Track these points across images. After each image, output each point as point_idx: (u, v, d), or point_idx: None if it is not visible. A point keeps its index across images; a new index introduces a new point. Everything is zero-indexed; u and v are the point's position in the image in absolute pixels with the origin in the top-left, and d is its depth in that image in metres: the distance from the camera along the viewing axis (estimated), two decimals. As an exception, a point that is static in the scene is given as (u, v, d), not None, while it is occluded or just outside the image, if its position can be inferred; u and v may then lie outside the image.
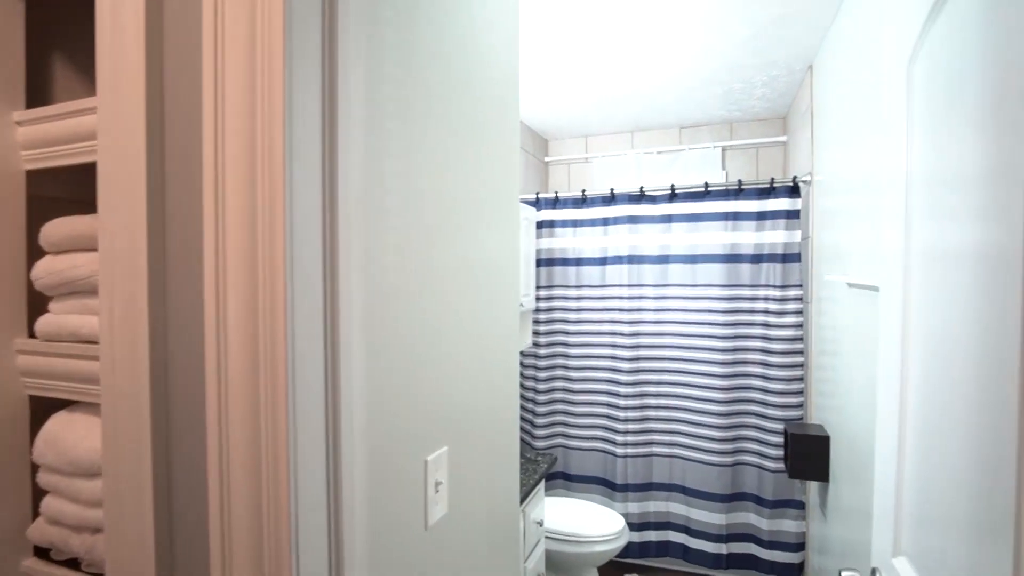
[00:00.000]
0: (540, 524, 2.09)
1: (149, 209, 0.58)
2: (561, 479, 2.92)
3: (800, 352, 2.44)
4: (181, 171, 0.59)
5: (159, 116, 0.59)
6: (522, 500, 1.91)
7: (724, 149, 3.24)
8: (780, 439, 2.44)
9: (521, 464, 2.20)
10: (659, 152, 3.34)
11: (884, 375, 0.96)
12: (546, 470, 2.15)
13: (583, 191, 2.81)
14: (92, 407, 0.85)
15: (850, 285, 1.70)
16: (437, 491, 0.92)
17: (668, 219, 2.67)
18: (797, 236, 2.45)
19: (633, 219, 2.71)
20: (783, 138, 3.10)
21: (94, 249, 0.79)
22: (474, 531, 1.07)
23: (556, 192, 2.88)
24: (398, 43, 0.79)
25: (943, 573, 0.72)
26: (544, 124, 3.28)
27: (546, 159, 3.62)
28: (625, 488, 2.72)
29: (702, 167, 3.21)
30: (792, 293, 2.45)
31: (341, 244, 0.56)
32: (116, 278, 0.61)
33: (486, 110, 1.09)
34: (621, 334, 2.73)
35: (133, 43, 0.58)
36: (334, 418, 0.57)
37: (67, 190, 0.94)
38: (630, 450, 2.71)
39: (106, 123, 0.61)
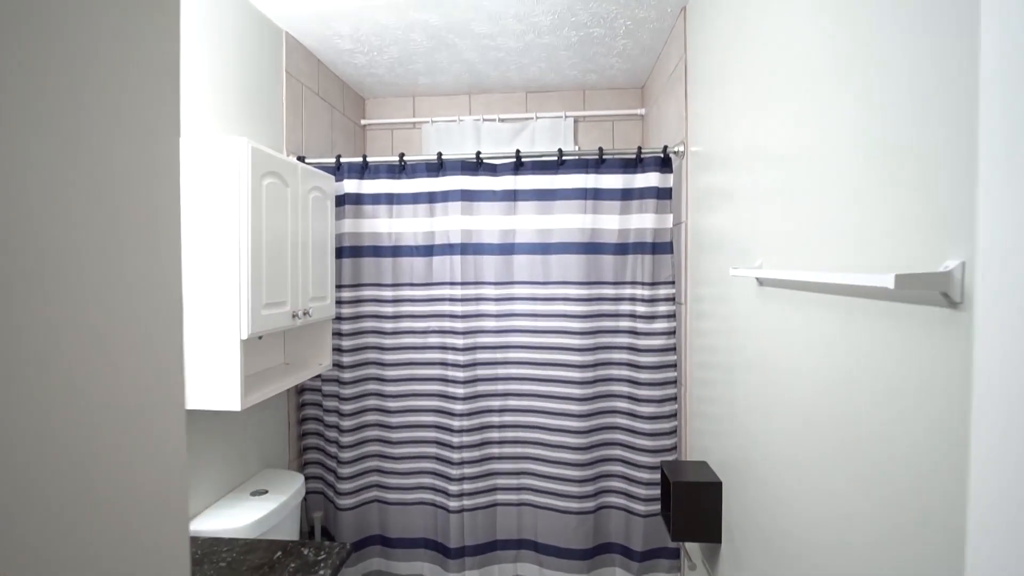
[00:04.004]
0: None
1: None
2: (378, 545, 2.16)
3: (673, 366, 1.96)
4: None
5: None
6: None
7: (577, 120, 2.73)
8: (650, 476, 1.95)
9: (290, 569, 1.39)
10: (502, 119, 2.72)
11: (988, 407, 0.39)
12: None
13: (401, 155, 2.07)
14: None
15: (760, 282, 1.19)
16: None
17: (513, 196, 2.04)
18: (669, 221, 1.97)
19: (468, 195, 2.04)
20: (641, 111, 2.67)
21: None
22: None
23: (365, 156, 2.10)
24: None
25: None
26: (359, 75, 2.48)
27: (363, 122, 2.82)
28: (462, 552, 2.05)
29: (552, 139, 2.66)
30: (663, 292, 1.96)
31: None
32: None
33: None
34: (454, 348, 2.05)
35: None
36: None
37: None
38: (467, 501, 2.04)
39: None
